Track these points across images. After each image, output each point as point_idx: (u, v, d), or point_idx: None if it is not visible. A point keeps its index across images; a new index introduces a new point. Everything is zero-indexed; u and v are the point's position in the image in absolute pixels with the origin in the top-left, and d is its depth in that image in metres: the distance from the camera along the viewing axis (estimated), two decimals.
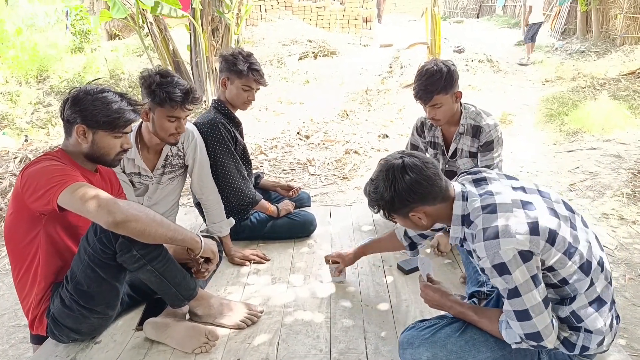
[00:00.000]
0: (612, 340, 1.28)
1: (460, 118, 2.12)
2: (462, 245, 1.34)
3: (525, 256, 1.12)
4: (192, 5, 6.10)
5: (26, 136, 5.99)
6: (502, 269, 1.14)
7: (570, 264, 1.17)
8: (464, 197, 1.28)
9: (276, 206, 2.34)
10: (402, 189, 1.24)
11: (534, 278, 1.14)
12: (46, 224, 1.46)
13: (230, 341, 1.61)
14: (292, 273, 2.05)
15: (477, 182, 1.32)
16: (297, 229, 2.32)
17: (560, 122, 5.57)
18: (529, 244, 1.13)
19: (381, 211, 1.34)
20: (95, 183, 1.56)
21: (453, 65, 2.03)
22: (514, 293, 1.15)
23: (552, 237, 1.15)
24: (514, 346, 1.22)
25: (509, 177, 1.34)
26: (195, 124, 2.13)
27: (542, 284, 1.16)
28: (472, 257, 1.31)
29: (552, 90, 6.99)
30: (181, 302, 1.58)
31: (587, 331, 1.21)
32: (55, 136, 6.02)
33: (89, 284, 1.44)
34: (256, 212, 2.33)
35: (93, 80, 1.56)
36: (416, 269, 2.01)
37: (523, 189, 1.26)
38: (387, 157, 1.34)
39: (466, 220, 1.26)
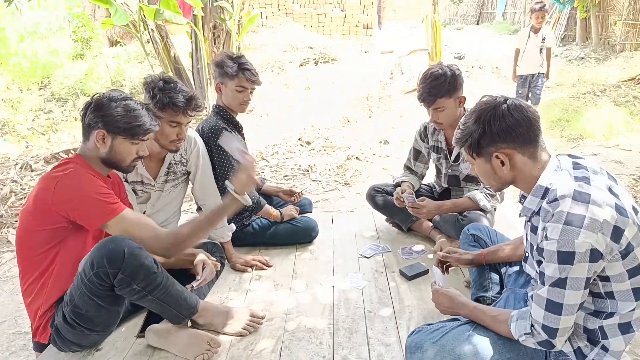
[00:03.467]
0: None
1: None
2: (529, 220, 1.29)
3: (595, 256, 1.08)
4: (193, 12, 6.13)
5: (27, 142, 6.00)
6: (566, 258, 1.08)
7: (627, 283, 1.14)
8: (555, 170, 1.20)
9: (279, 211, 2.34)
10: (497, 125, 1.19)
11: (587, 280, 1.10)
12: (70, 235, 1.46)
13: (233, 348, 1.59)
14: (294, 279, 2.04)
15: (577, 166, 1.22)
16: (299, 235, 2.32)
17: (561, 128, 5.58)
18: (604, 246, 1.08)
19: (465, 151, 1.30)
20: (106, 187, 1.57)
21: (458, 69, 2.04)
22: (560, 283, 1.10)
23: (627, 251, 1.11)
24: (522, 338, 1.20)
25: (610, 177, 1.25)
26: (197, 130, 2.13)
27: (587, 290, 1.13)
28: (534, 233, 1.25)
29: (552, 96, 7.01)
30: (182, 320, 1.58)
31: (604, 349, 1.19)
32: (55, 143, 6.02)
33: (87, 309, 1.42)
34: (258, 218, 2.32)
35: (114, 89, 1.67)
36: (418, 275, 2.00)
37: (618, 194, 1.18)
38: (490, 95, 1.28)
39: (549, 195, 1.17)
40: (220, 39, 6.76)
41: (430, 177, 2.55)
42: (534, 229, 1.26)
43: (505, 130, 1.19)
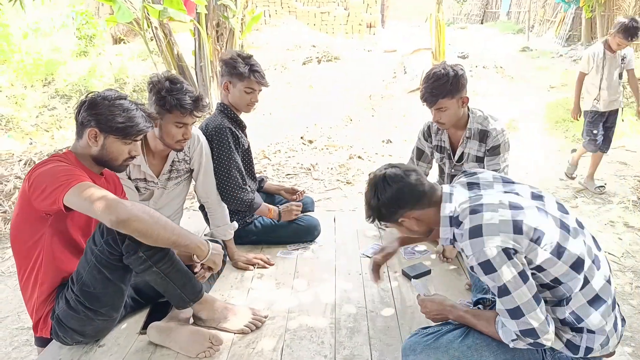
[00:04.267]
0: (618, 342, 1.28)
1: (468, 122, 2.12)
2: (453, 246, 1.37)
3: (509, 253, 1.15)
4: (197, 10, 6.13)
5: (31, 139, 6.02)
6: (487, 267, 1.16)
7: (561, 264, 1.19)
8: (450, 198, 1.32)
9: (277, 207, 2.31)
10: (386, 198, 1.32)
11: (521, 274, 1.15)
12: (52, 224, 1.47)
13: (234, 346, 1.60)
14: (296, 278, 2.04)
15: (470, 185, 1.36)
16: (302, 234, 2.31)
17: (565, 128, 5.56)
18: (512, 242, 1.15)
19: (375, 221, 1.41)
20: (100, 185, 1.56)
21: (462, 69, 2.02)
22: (504, 291, 1.17)
23: (537, 236, 1.17)
24: (511, 344, 1.22)
25: (505, 180, 1.37)
26: (201, 127, 2.13)
27: (531, 281, 1.17)
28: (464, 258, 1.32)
29: (557, 96, 6.98)
30: (186, 304, 1.58)
31: (590, 331, 1.21)
32: (59, 139, 6.04)
33: (95, 285, 1.44)
34: (260, 216, 2.32)
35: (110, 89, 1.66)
36: (421, 275, 2.00)
37: (515, 191, 1.30)
38: (375, 170, 1.42)
39: (454, 221, 1.29)
40: (224, 37, 6.76)
41: (433, 177, 2.54)
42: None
43: (394, 201, 1.32)
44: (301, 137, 5.53)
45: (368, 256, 2.20)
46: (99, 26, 9.43)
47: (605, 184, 3.92)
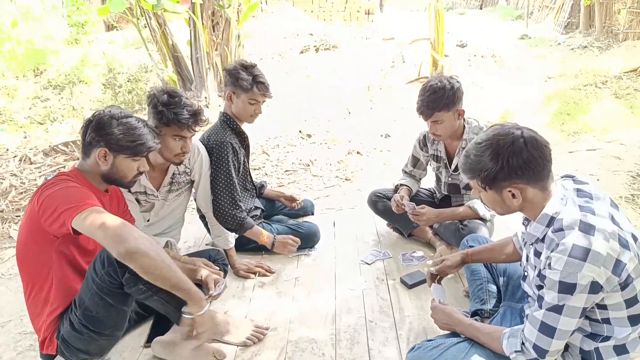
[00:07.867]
0: None
1: (463, 132, 2.13)
2: (532, 244, 1.30)
3: (595, 288, 1.11)
4: (191, 0, 6.02)
5: (25, 132, 5.96)
6: (568, 289, 1.12)
7: (624, 312, 1.17)
8: (563, 200, 1.22)
9: (274, 236, 2.19)
10: (516, 162, 1.19)
11: (583, 310, 1.14)
12: (60, 246, 1.47)
13: (237, 359, 1.63)
14: (296, 286, 2.07)
15: (581, 193, 1.24)
16: (302, 241, 2.32)
17: (562, 122, 5.56)
18: (605, 279, 1.11)
19: (474, 180, 1.28)
20: (105, 202, 1.58)
21: (457, 82, 2.03)
22: (557, 309, 1.15)
23: (626, 282, 1.14)
24: (512, 356, 1.24)
25: (612, 204, 1.26)
26: (203, 139, 2.12)
27: (582, 318, 1.17)
28: (537, 258, 1.27)
29: (554, 87, 6.97)
30: None
31: None
32: (53, 132, 5.98)
33: (97, 310, 1.46)
34: (261, 223, 2.33)
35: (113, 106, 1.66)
36: (419, 283, 2.02)
37: (619, 224, 1.20)
38: (502, 125, 1.27)
39: (555, 224, 1.19)
40: (219, 26, 6.66)
41: (431, 182, 2.56)
42: (537, 254, 1.29)
43: (523, 167, 1.20)
44: (299, 131, 5.51)
45: (367, 263, 2.23)
46: (90, 12, 9.25)
47: (598, 180, 4.01)
